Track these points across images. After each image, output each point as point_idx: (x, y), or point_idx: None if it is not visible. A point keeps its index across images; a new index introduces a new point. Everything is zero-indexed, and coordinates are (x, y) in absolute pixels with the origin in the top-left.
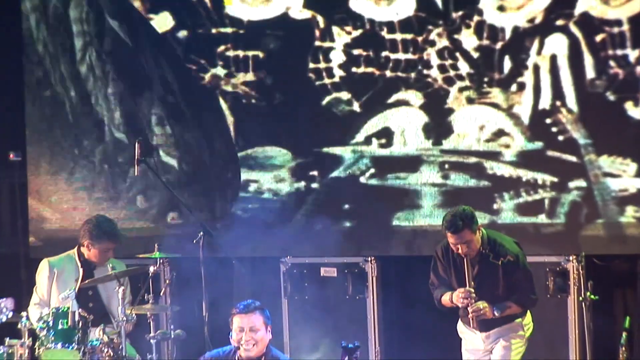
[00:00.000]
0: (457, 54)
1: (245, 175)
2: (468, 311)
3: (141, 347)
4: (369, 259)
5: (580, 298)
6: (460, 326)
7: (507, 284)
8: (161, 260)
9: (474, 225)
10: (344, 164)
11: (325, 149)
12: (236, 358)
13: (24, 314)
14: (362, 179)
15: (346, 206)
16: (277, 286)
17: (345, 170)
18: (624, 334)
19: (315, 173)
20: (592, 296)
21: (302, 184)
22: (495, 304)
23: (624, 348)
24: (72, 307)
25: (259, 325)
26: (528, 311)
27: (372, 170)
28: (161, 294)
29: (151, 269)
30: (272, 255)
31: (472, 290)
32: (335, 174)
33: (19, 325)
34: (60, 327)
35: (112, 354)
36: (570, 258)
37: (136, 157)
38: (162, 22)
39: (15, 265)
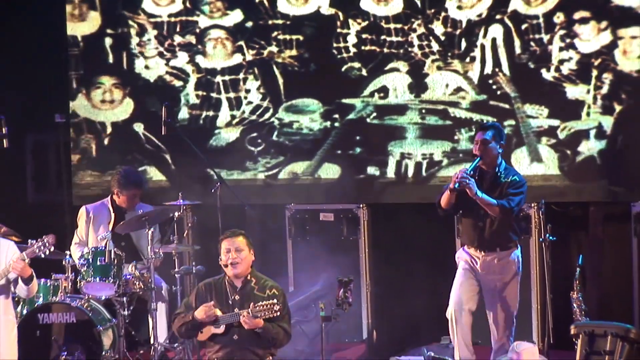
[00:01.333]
0: (431, 37)
1: (291, 117)
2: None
3: (167, 281)
4: (361, 205)
5: (541, 239)
6: (460, 252)
7: (501, 196)
8: (184, 207)
9: (496, 136)
10: (355, 110)
11: (344, 100)
12: (225, 280)
13: (67, 252)
14: (368, 120)
15: (357, 137)
16: (283, 229)
17: (357, 114)
18: (578, 270)
19: (337, 116)
20: (551, 237)
21: (328, 123)
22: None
23: (577, 282)
24: (108, 246)
25: (243, 246)
26: (519, 246)
27: (375, 114)
28: (184, 235)
29: (176, 214)
30: (278, 202)
31: (468, 170)
32: (350, 116)
33: (64, 262)
34: (98, 263)
35: (142, 286)
36: (532, 205)
37: (163, 119)
38: (236, 16)
39: (61, 211)
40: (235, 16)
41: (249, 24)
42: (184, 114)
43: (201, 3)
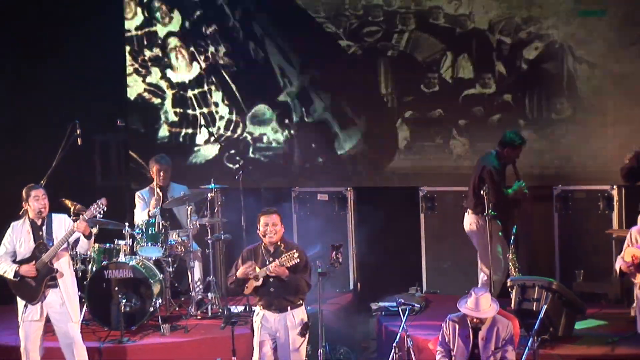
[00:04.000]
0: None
1: (257, 130)
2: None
3: (201, 245)
4: (348, 189)
5: (485, 213)
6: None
7: None
8: (215, 189)
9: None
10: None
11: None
12: (262, 246)
13: (126, 224)
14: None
15: (313, 145)
16: (289, 206)
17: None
18: (513, 237)
19: (287, 121)
20: (492, 213)
21: (286, 131)
22: None
23: (512, 246)
24: (157, 219)
25: (277, 221)
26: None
27: None
28: (215, 211)
29: (209, 194)
30: (286, 186)
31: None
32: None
33: (123, 231)
34: (150, 232)
35: (183, 249)
36: None
37: (200, 124)
38: (177, 17)
39: (121, 194)
40: (177, 18)
41: (187, 23)
42: (164, 132)
43: (154, 10)
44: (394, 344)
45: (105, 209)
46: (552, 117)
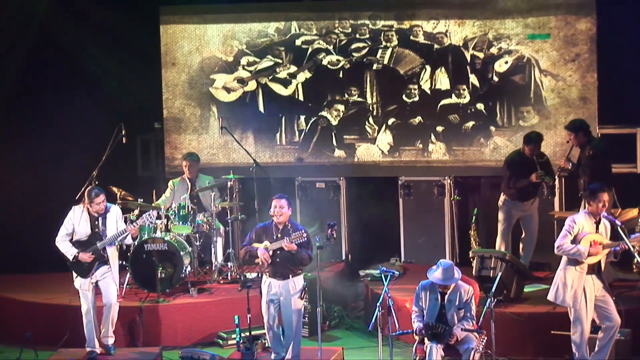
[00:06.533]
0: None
1: None
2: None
3: (222, 224)
4: (341, 178)
5: (451, 198)
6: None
7: None
8: (233, 179)
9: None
10: None
11: None
12: (272, 225)
13: (162, 206)
14: None
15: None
16: (294, 193)
17: None
18: (474, 217)
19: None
20: (457, 197)
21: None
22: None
23: (473, 225)
24: (187, 203)
25: (285, 205)
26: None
27: None
28: (234, 196)
29: (228, 183)
30: (291, 176)
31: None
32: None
33: (160, 212)
34: (181, 213)
35: (208, 227)
36: (446, 178)
37: (220, 126)
38: None
39: (157, 182)
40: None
41: None
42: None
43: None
44: (378, 304)
45: (154, 220)
46: (520, 124)
